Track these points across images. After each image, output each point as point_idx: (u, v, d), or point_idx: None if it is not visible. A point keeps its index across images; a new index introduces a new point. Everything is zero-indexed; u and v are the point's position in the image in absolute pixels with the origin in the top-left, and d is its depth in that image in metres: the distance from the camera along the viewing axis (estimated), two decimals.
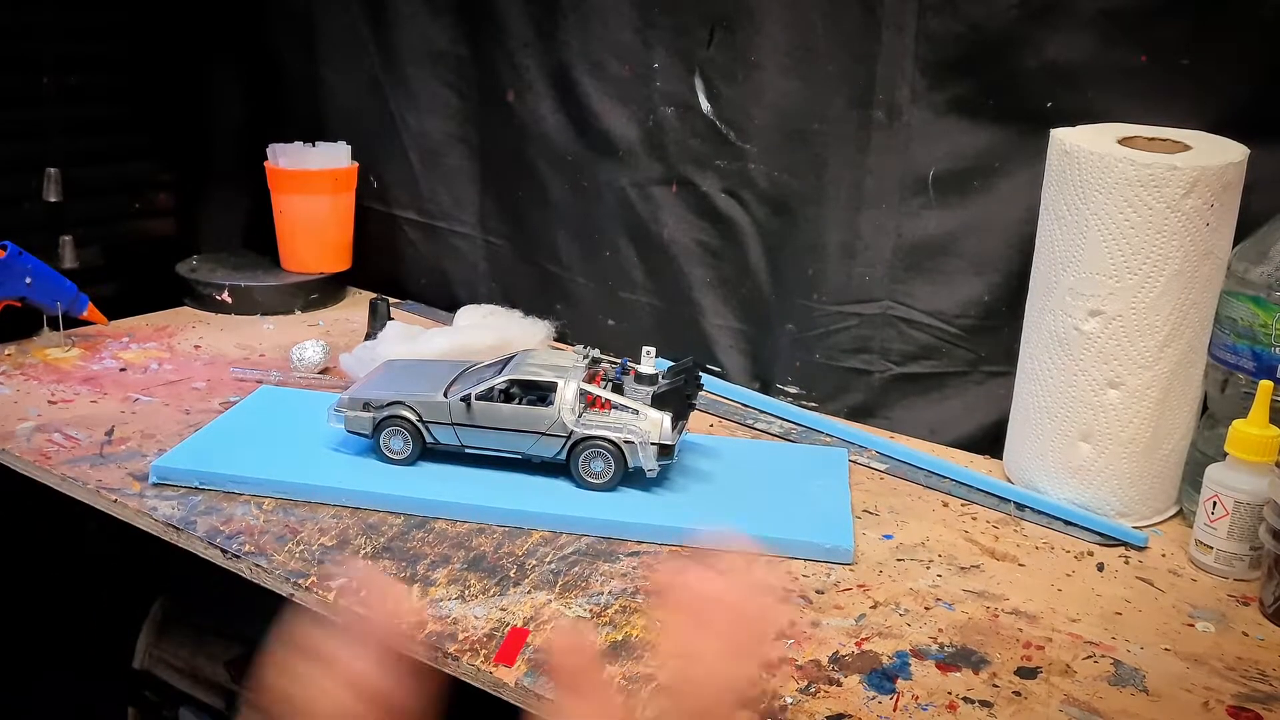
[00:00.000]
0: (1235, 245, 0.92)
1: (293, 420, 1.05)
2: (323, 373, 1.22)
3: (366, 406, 0.98)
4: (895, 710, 0.70)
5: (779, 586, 0.46)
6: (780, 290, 1.19)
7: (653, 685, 0.71)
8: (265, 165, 1.46)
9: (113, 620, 1.44)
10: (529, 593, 0.82)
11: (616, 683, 0.38)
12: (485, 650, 0.75)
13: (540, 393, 0.97)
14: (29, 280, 1.23)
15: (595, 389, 0.96)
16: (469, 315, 1.31)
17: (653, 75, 1.21)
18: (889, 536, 0.93)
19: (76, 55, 1.43)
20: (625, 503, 0.94)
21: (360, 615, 0.37)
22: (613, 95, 1.25)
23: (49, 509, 1.10)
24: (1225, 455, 0.88)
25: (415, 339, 1.20)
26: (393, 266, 1.51)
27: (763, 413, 1.18)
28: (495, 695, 0.73)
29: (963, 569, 0.89)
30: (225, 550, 0.86)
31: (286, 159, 1.45)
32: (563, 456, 0.96)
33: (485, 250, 1.43)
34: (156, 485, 0.95)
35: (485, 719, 0.83)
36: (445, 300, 1.46)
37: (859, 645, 0.77)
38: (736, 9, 1.14)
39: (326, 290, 1.47)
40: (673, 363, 1.02)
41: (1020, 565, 0.90)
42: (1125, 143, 0.92)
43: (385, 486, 0.94)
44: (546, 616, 0.79)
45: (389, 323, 1.25)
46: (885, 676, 0.74)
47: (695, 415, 1.07)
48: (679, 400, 0.97)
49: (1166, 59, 0.95)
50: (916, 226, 1.10)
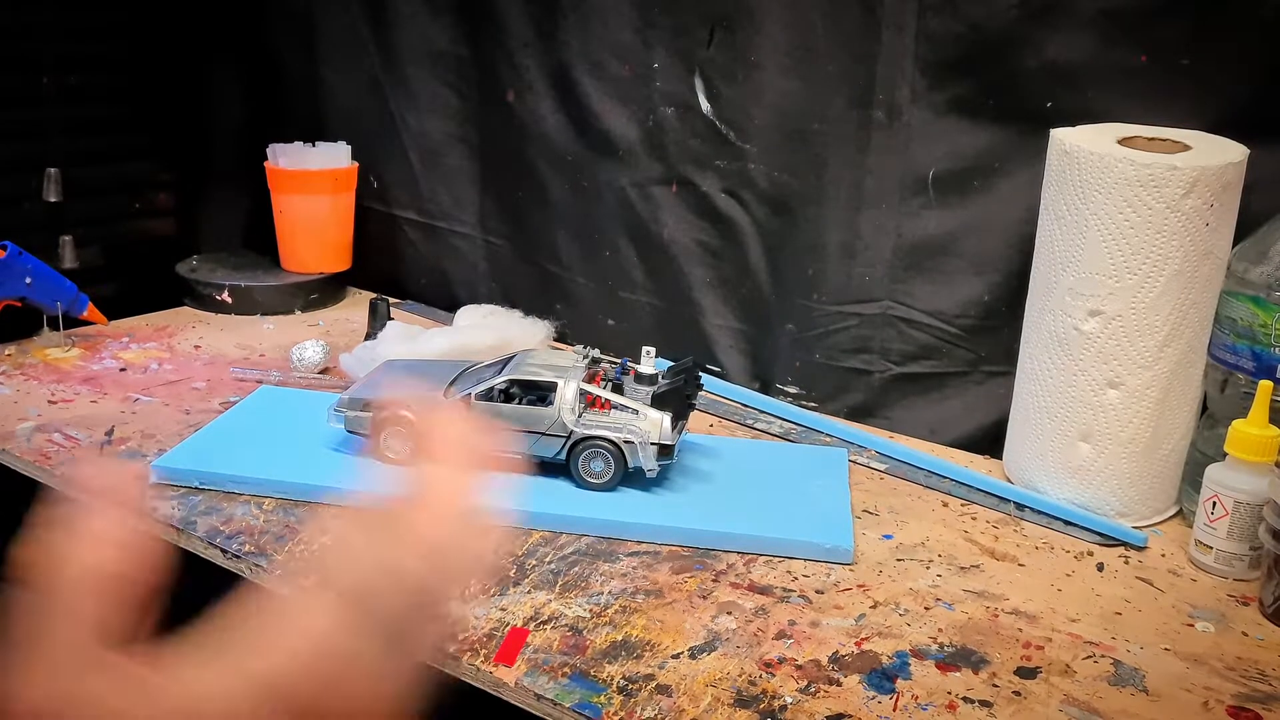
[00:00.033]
0: (1235, 245, 0.92)
1: (293, 420, 1.05)
2: (323, 373, 1.22)
3: (366, 406, 0.98)
4: (895, 710, 0.70)
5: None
6: (780, 290, 1.19)
7: (652, 684, 0.71)
8: (265, 165, 1.46)
9: None
10: (529, 593, 0.82)
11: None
12: (485, 650, 0.75)
13: (540, 393, 0.97)
14: (29, 280, 1.23)
15: (595, 389, 0.96)
16: (469, 315, 1.31)
17: (653, 75, 1.21)
18: (889, 536, 0.93)
19: (76, 55, 1.43)
20: (625, 503, 0.94)
21: (98, 488, 0.37)
22: (613, 95, 1.25)
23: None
24: (1225, 455, 0.88)
25: (415, 339, 1.20)
26: (393, 266, 1.51)
27: (763, 413, 1.18)
28: (495, 695, 0.73)
29: (963, 569, 0.89)
30: (225, 550, 0.86)
31: (286, 159, 1.45)
32: (563, 456, 0.96)
33: (485, 250, 1.43)
34: (156, 485, 0.95)
35: (485, 719, 0.83)
36: (445, 300, 1.46)
37: (859, 645, 0.77)
38: (736, 9, 1.14)
39: (326, 290, 1.47)
40: (673, 363, 1.02)
41: (1020, 565, 0.90)
42: (1125, 143, 0.92)
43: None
44: (546, 616, 0.79)
45: (389, 323, 1.25)
46: (885, 676, 0.74)
47: (695, 415, 1.07)
48: (679, 400, 0.97)
49: (1166, 59, 0.95)
50: (916, 226, 1.10)
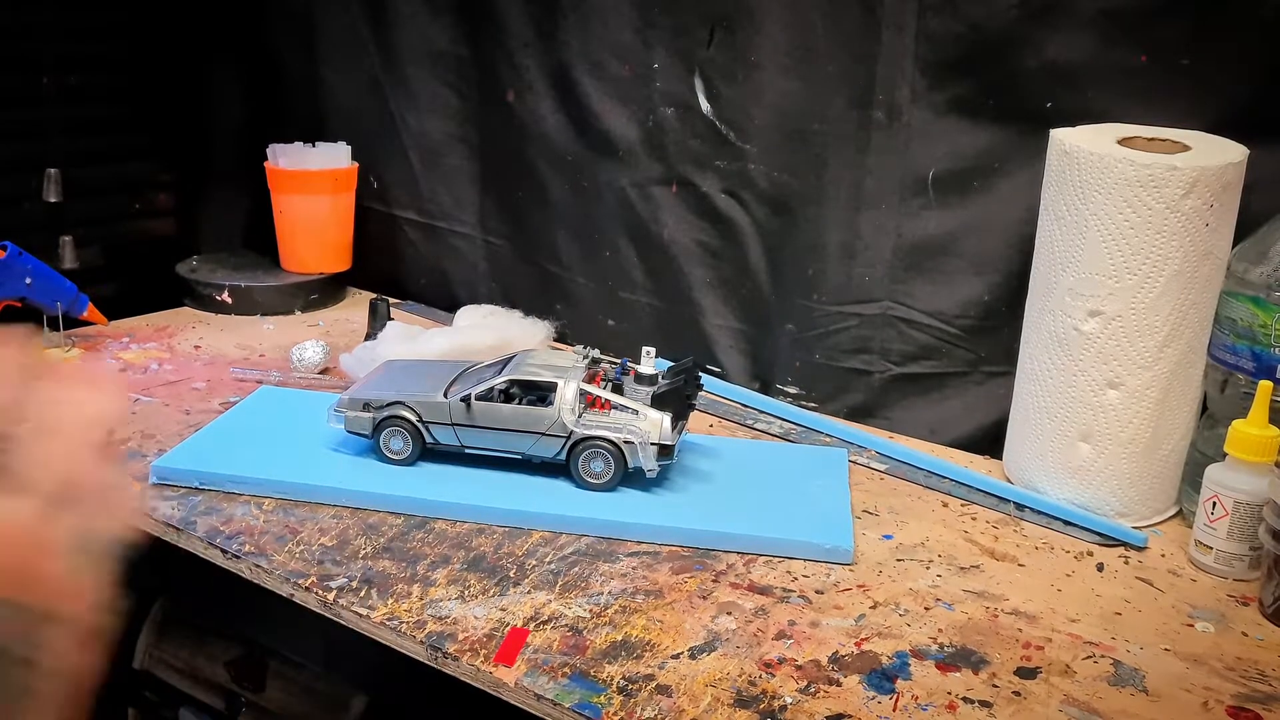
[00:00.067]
0: (1235, 245, 0.92)
1: (293, 420, 1.05)
2: (323, 373, 1.22)
3: (366, 407, 0.98)
4: (895, 710, 0.70)
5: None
6: (780, 290, 1.19)
7: (652, 685, 0.71)
8: (265, 165, 1.46)
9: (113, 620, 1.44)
10: (529, 593, 0.82)
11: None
12: (485, 650, 0.75)
13: (540, 393, 0.97)
14: (29, 280, 1.23)
15: (595, 389, 0.96)
16: (469, 315, 1.31)
17: (653, 75, 1.21)
18: (889, 537, 0.93)
19: (76, 55, 1.43)
20: (625, 503, 0.94)
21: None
22: (613, 95, 1.25)
23: None
24: (1225, 455, 0.88)
25: (415, 339, 1.20)
26: (393, 266, 1.51)
27: (763, 413, 1.18)
28: (495, 695, 0.73)
29: (962, 569, 0.89)
30: (225, 550, 0.86)
31: (286, 159, 1.45)
32: (563, 457, 0.96)
33: (485, 250, 1.43)
34: (156, 485, 0.95)
35: (485, 719, 0.83)
36: (445, 300, 1.46)
37: (859, 645, 0.77)
38: (736, 9, 1.14)
39: (326, 290, 1.47)
40: (673, 363, 1.02)
41: (1020, 565, 0.90)
42: (1125, 143, 0.92)
43: (385, 487, 0.94)
44: (546, 616, 0.79)
45: (389, 323, 1.25)
46: (885, 677, 0.74)
47: (695, 415, 1.07)
48: (679, 400, 0.97)
49: (1166, 59, 0.95)
50: (916, 226, 1.10)
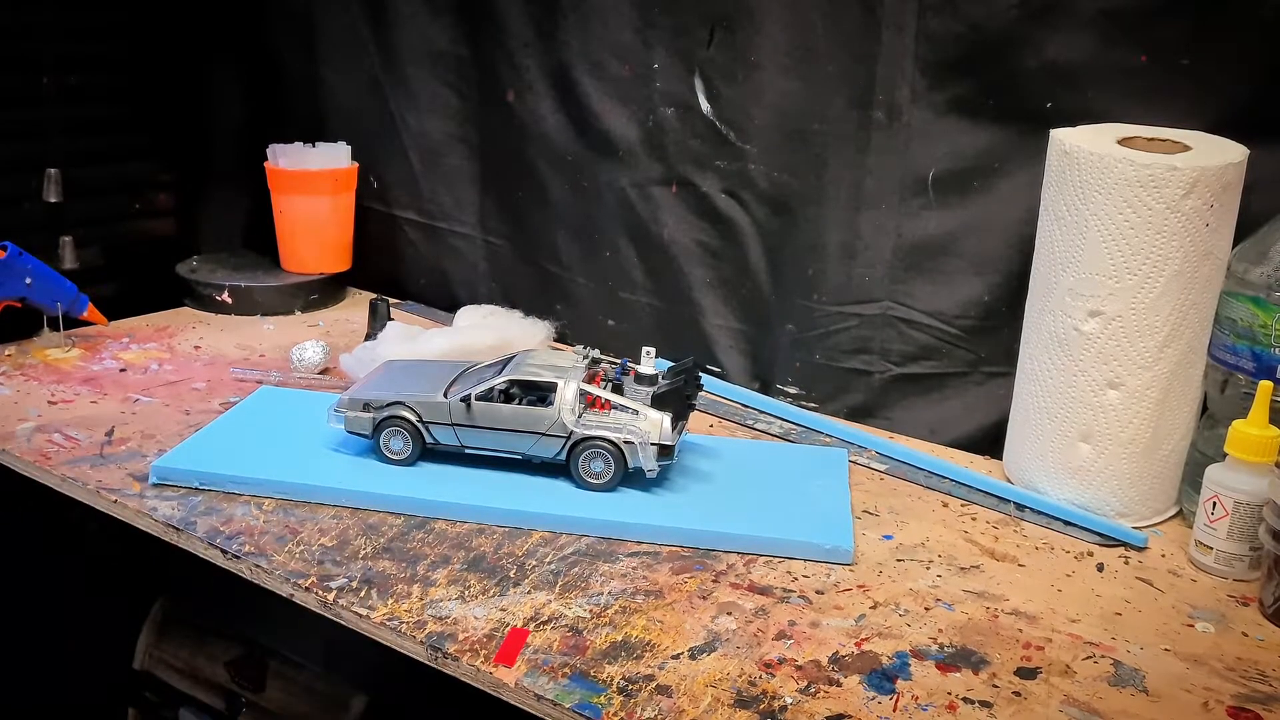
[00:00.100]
0: (1235, 245, 0.92)
1: (293, 421, 1.05)
2: (323, 373, 1.22)
3: (366, 407, 0.98)
4: (895, 711, 0.70)
5: None
6: (780, 290, 1.19)
7: (652, 685, 0.71)
8: (265, 165, 1.46)
9: (113, 620, 1.44)
10: (529, 593, 0.82)
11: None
12: (485, 650, 0.75)
13: (540, 393, 0.97)
14: (29, 280, 1.23)
15: (595, 389, 0.96)
16: (469, 315, 1.31)
17: (653, 75, 1.21)
18: (889, 537, 0.93)
19: (76, 55, 1.43)
20: (625, 503, 0.94)
21: None
22: (613, 95, 1.25)
23: (49, 509, 1.10)
24: (1225, 456, 0.88)
25: (415, 339, 1.20)
26: (393, 266, 1.51)
27: (763, 413, 1.18)
28: (495, 696, 0.73)
29: (963, 569, 0.89)
30: (225, 551, 0.86)
31: (286, 159, 1.45)
32: (563, 457, 0.96)
33: (485, 250, 1.43)
34: (156, 485, 0.95)
35: (485, 719, 0.83)
36: (445, 300, 1.46)
37: (859, 645, 0.77)
38: (736, 9, 1.14)
39: (326, 290, 1.47)
40: (673, 363, 1.02)
41: (1020, 566, 0.90)
42: (1125, 143, 0.92)
43: (385, 487, 0.94)
44: (546, 617, 0.79)
45: (389, 323, 1.25)
46: (885, 677, 0.74)
47: (695, 415, 1.07)
48: (679, 400, 0.97)
49: (1166, 59, 0.95)
50: (916, 227, 1.10)
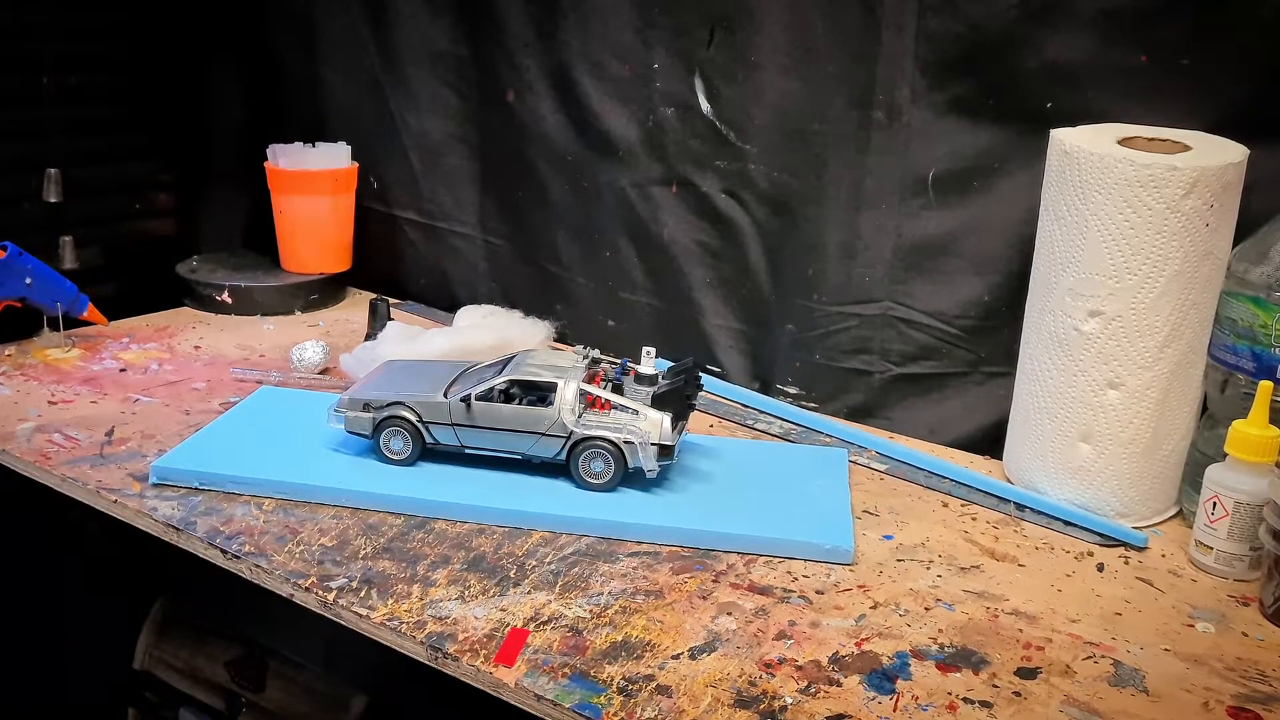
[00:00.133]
0: (1235, 245, 0.92)
1: (293, 421, 1.05)
2: (323, 373, 1.22)
3: (366, 407, 0.98)
4: (895, 711, 0.70)
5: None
6: (780, 290, 1.19)
7: (652, 685, 0.71)
8: (265, 165, 1.46)
9: (113, 620, 1.44)
10: (529, 593, 0.82)
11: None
12: (485, 651, 0.75)
13: (540, 393, 0.97)
14: (29, 280, 1.23)
15: (595, 389, 0.96)
16: (469, 315, 1.31)
17: (653, 75, 1.21)
18: (889, 537, 0.93)
19: (76, 55, 1.43)
20: (625, 503, 0.94)
21: None
22: (613, 95, 1.25)
23: (49, 509, 1.10)
24: (1225, 456, 0.88)
25: (415, 339, 1.20)
26: (393, 266, 1.51)
27: (763, 413, 1.18)
28: (495, 696, 0.73)
29: (963, 569, 0.89)
30: (225, 551, 0.86)
31: (286, 159, 1.45)
32: (563, 457, 0.96)
33: (485, 250, 1.43)
34: (156, 485, 0.95)
35: (485, 719, 0.83)
36: (445, 300, 1.46)
37: (859, 646, 0.77)
38: (736, 9, 1.14)
39: (326, 290, 1.47)
40: (673, 363, 1.02)
41: (1020, 566, 0.90)
42: (1125, 143, 0.92)
43: (385, 487, 0.94)
44: (546, 617, 0.79)
45: (389, 323, 1.25)
46: (885, 677, 0.74)
47: (695, 415, 1.07)
48: (679, 400, 0.97)
49: (1166, 59, 0.95)
50: (916, 226, 1.10)
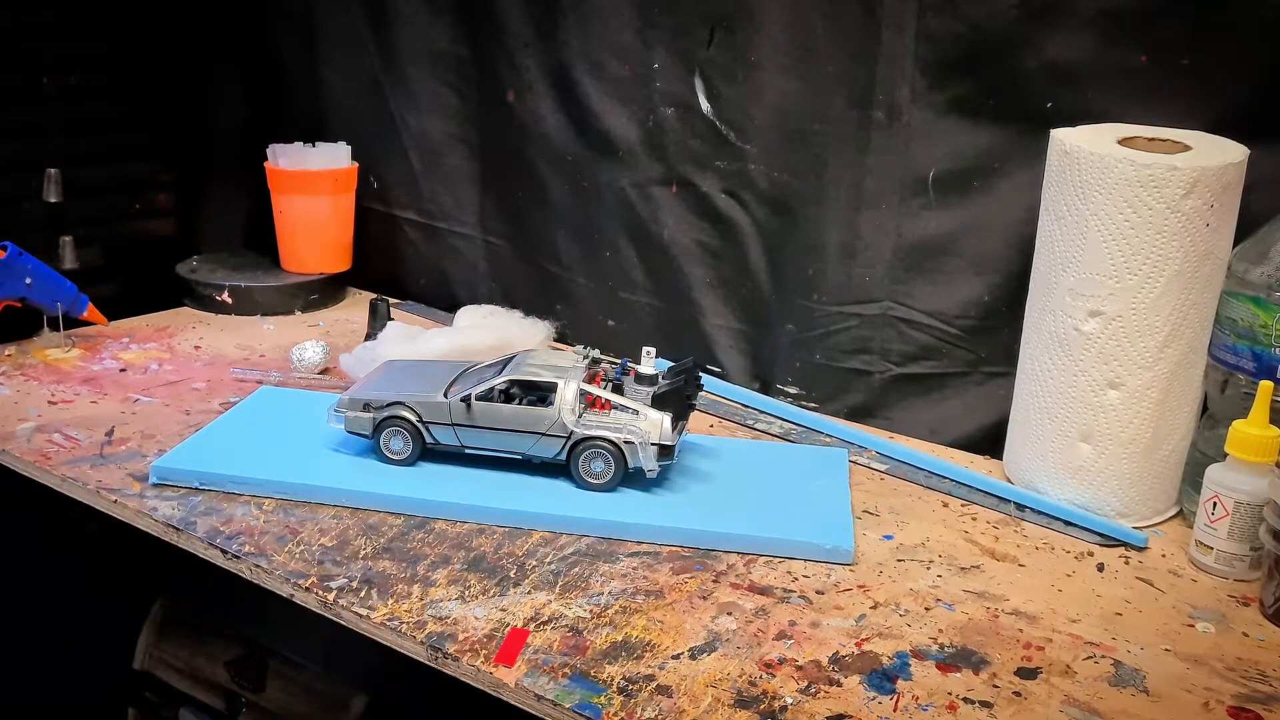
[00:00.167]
0: (1235, 245, 0.92)
1: (293, 421, 1.05)
2: (323, 373, 1.22)
3: (366, 407, 0.98)
4: (895, 711, 0.70)
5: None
6: (780, 290, 1.19)
7: (652, 685, 0.71)
8: (265, 165, 1.46)
9: (113, 620, 1.44)
10: (529, 593, 0.82)
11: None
12: (485, 651, 0.75)
13: (540, 393, 0.97)
14: (29, 280, 1.23)
15: (595, 389, 0.96)
16: (469, 315, 1.31)
17: (653, 75, 1.21)
18: (889, 537, 0.93)
19: (76, 55, 1.43)
20: (625, 503, 0.94)
21: None
22: (613, 95, 1.25)
23: (49, 509, 1.10)
24: (1225, 456, 0.88)
25: (415, 339, 1.20)
26: (393, 266, 1.51)
27: (763, 413, 1.18)
28: (495, 696, 0.73)
29: (963, 569, 0.89)
30: (225, 551, 0.86)
31: (286, 159, 1.45)
32: (563, 457, 0.96)
33: (485, 250, 1.43)
34: (156, 485, 0.95)
35: (485, 719, 0.83)
36: (445, 300, 1.46)
37: (859, 646, 0.77)
38: (736, 9, 1.14)
39: (326, 290, 1.47)
40: (673, 363, 1.02)
41: (1020, 566, 0.90)
42: (1125, 143, 0.92)
43: (385, 487, 0.94)
44: (547, 617, 0.79)
45: (389, 323, 1.25)
46: (885, 677, 0.74)
47: (695, 415, 1.07)
48: (679, 400, 0.97)
49: (1166, 59, 0.95)
50: (916, 227, 1.10)
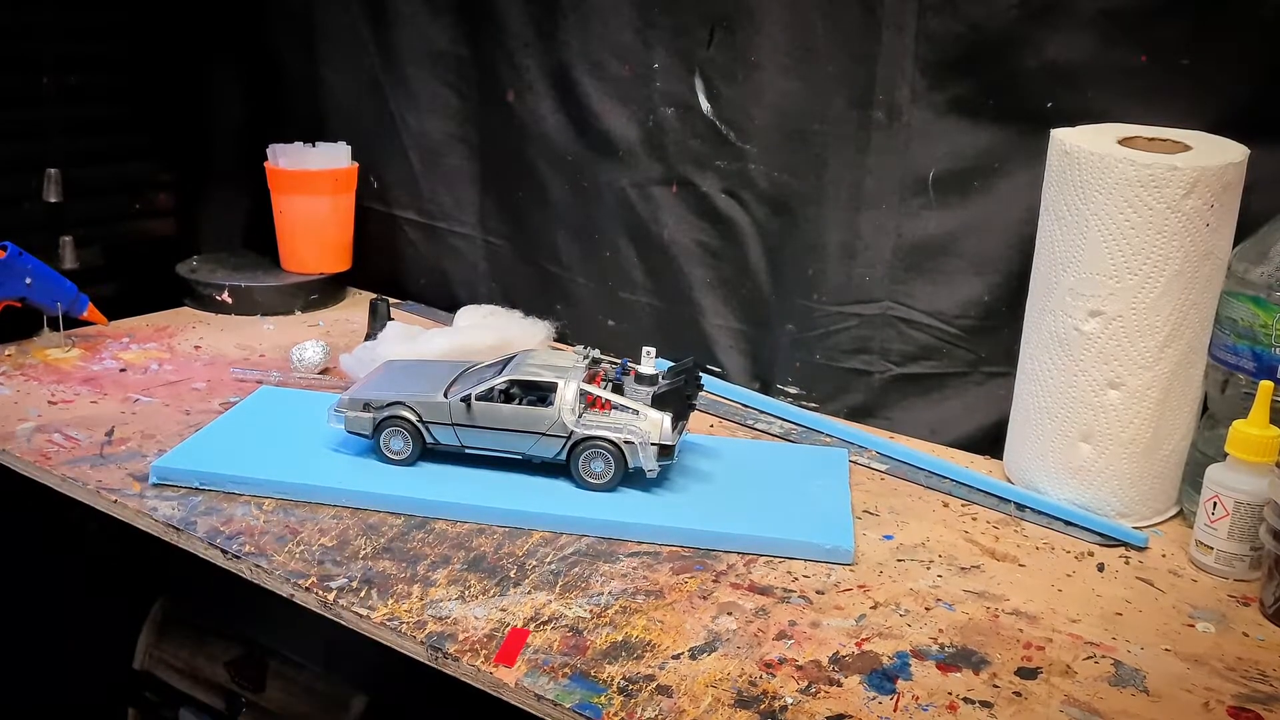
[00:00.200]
0: (1235, 245, 0.92)
1: (293, 421, 1.05)
2: (323, 373, 1.22)
3: (367, 407, 0.98)
4: (895, 711, 0.70)
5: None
6: (780, 290, 1.19)
7: (652, 685, 0.71)
8: (265, 165, 1.46)
9: (113, 620, 1.44)
10: (529, 593, 0.82)
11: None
12: (485, 651, 0.75)
13: (540, 393, 0.97)
14: (29, 280, 1.23)
15: (595, 389, 0.96)
16: (469, 315, 1.31)
17: (653, 75, 1.21)
18: (889, 537, 0.93)
19: (76, 55, 1.43)
20: (625, 503, 0.94)
21: None
22: (613, 95, 1.25)
23: (49, 509, 1.10)
24: (1225, 456, 0.88)
25: (415, 339, 1.20)
26: (393, 266, 1.51)
27: (763, 413, 1.18)
28: (495, 696, 0.73)
29: (963, 569, 0.89)
30: (225, 551, 0.86)
31: (286, 159, 1.45)
32: (563, 457, 0.96)
33: (485, 250, 1.43)
34: (156, 485, 0.95)
35: (485, 719, 0.83)
36: (445, 300, 1.46)
37: (859, 646, 0.77)
38: (736, 9, 1.14)
39: (326, 290, 1.47)
40: (673, 363, 1.02)
41: (1020, 566, 0.90)
42: (1125, 143, 0.92)
43: (385, 487, 0.94)
44: (547, 617, 0.79)
45: (389, 323, 1.25)
46: (885, 677, 0.74)
47: (695, 415, 1.07)
48: (679, 400, 0.97)
49: (1166, 59, 0.95)
50: (916, 226, 1.10)
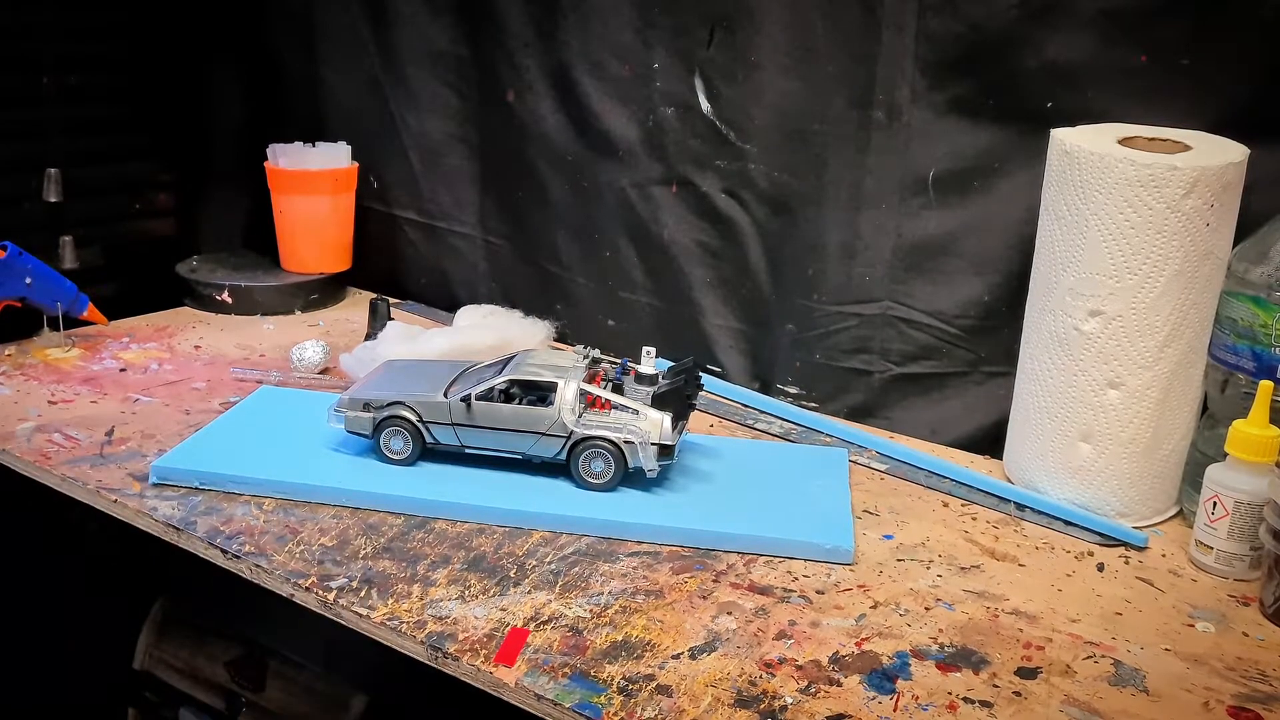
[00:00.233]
0: (1235, 245, 0.92)
1: (293, 420, 1.05)
2: (323, 373, 1.22)
3: (367, 407, 0.98)
4: (895, 710, 0.70)
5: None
6: (780, 290, 1.19)
7: (652, 685, 0.71)
8: (265, 165, 1.46)
9: (113, 620, 1.44)
10: (529, 593, 0.82)
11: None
12: (485, 650, 0.75)
13: (540, 393, 0.97)
14: (29, 280, 1.23)
15: (595, 389, 0.96)
16: (469, 315, 1.31)
17: (653, 75, 1.21)
18: (889, 536, 0.93)
19: (76, 55, 1.43)
20: (625, 503, 0.94)
21: None
22: (613, 95, 1.25)
23: (49, 509, 1.10)
24: (1225, 455, 0.88)
25: (415, 339, 1.20)
26: (393, 266, 1.51)
27: (763, 413, 1.18)
28: (495, 695, 0.73)
29: (963, 569, 0.89)
30: (225, 550, 0.86)
31: (286, 159, 1.45)
32: (563, 457, 0.96)
33: (485, 250, 1.43)
34: (156, 485, 0.95)
35: (485, 719, 0.83)
36: (445, 300, 1.46)
37: (859, 645, 0.77)
38: (736, 9, 1.14)
39: (326, 290, 1.47)
40: (673, 363, 1.02)
41: (1020, 565, 0.90)
42: (1125, 143, 0.92)
43: (385, 487, 0.94)
44: (547, 617, 0.79)
45: (389, 323, 1.25)
46: (885, 677, 0.74)
47: (695, 415, 1.07)
48: (679, 400, 0.97)
49: (1166, 59, 0.95)
50: (916, 226, 1.10)
